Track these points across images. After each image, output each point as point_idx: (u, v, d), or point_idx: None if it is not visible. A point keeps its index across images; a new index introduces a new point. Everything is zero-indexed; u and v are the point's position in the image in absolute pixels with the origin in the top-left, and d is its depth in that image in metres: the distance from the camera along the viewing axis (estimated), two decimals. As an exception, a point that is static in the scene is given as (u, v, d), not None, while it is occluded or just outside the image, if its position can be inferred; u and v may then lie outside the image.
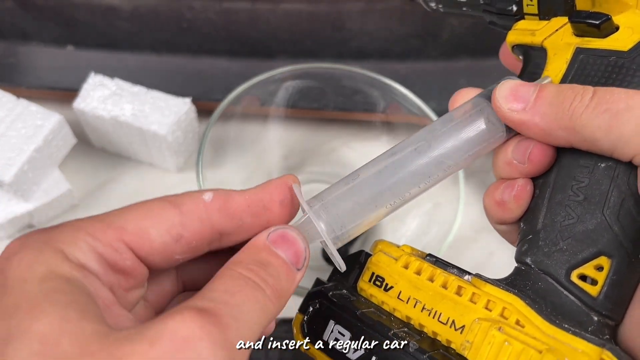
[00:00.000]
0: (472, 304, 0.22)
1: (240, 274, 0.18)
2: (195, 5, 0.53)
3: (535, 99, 0.23)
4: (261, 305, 0.18)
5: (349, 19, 0.54)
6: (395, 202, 0.24)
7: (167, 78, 0.55)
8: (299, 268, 0.20)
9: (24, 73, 0.55)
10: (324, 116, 0.53)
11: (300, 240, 0.20)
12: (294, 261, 0.20)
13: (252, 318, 0.18)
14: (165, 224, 0.19)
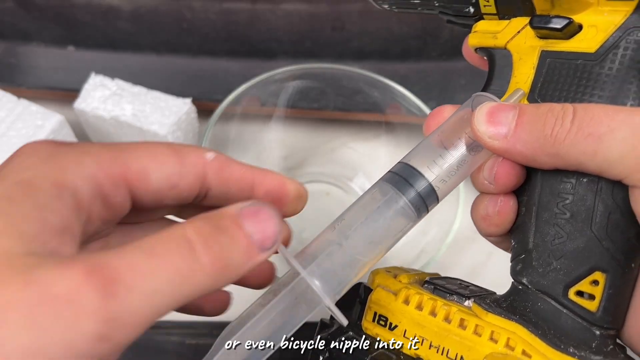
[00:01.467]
0: (477, 336, 0.23)
1: (182, 234, 0.17)
2: (195, 5, 0.53)
3: (515, 126, 0.22)
4: (185, 276, 0.16)
5: (349, 19, 0.54)
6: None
7: (168, 78, 0.55)
8: (264, 249, 0.18)
9: (24, 73, 0.55)
10: (324, 116, 0.53)
11: (275, 220, 0.18)
12: (260, 239, 0.18)
13: (161, 289, 0.16)
14: (166, 170, 0.20)
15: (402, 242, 0.47)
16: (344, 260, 0.22)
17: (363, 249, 0.22)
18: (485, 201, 0.26)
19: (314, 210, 0.52)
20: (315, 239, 0.23)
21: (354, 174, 0.52)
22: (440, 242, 0.41)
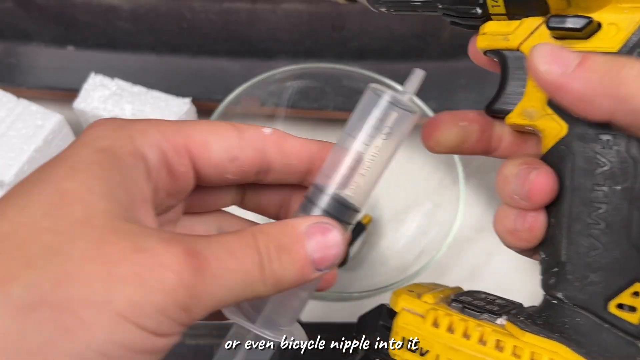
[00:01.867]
0: (516, 358, 0.21)
1: (254, 244, 0.19)
2: (195, 5, 0.53)
3: (579, 64, 0.21)
4: (251, 282, 0.18)
5: (348, 19, 0.54)
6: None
7: (167, 78, 0.55)
8: (319, 270, 0.19)
9: (24, 73, 0.55)
10: (324, 116, 0.53)
11: (337, 245, 0.20)
12: (318, 262, 0.19)
13: (234, 287, 0.18)
14: (226, 143, 0.21)
15: (402, 242, 0.47)
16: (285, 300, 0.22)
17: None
18: (513, 215, 0.24)
19: (314, 210, 0.52)
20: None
21: (354, 174, 0.52)
22: (441, 242, 0.41)
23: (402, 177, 0.50)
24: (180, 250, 0.17)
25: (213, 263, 0.17)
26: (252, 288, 0.18)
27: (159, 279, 0.16)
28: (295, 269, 0.19)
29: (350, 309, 0.47)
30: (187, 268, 0.17)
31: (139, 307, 0.16)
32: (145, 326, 0.16)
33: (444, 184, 0.46)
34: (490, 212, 0.53)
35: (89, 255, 0.16)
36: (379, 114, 0.22)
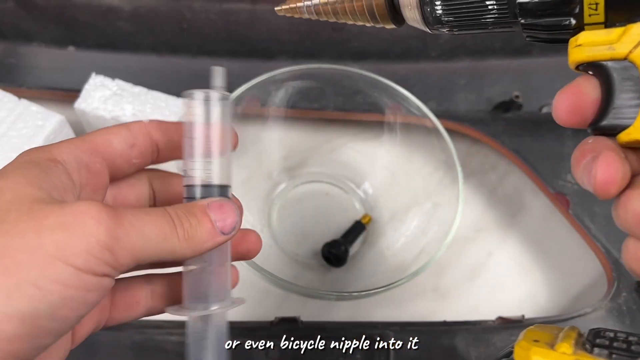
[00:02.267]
0: None
1: (164, 210, 0.23)
2: (195, 6, 0.54)
3: None
4: (165, 235, 0.22)
5: (348, 19, 0.54)
6: None
7: (168, 78, 0.55)
8: (224, 233, 0.23)
9: (25, 73, 0.55)
10: (324, 116, 0.53)
11: (235, 213, 0.24)
12: (221, 226, 0.23)
13: (150, 236, 0.21)
14: (122, 136, 0.25)
15: (401, 242, 0.47)
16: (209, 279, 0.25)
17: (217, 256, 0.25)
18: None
19: (314, 210, 0.52)
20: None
21: (354, 174, 0.53)
22: (440, 242, 0.41)
23: (401, 177, 0.50)
24: (99, 205, 0.20)
25: (129, 215, 0.21)
26: (167, 240, 0.22)
27: (81, 224, 0.20)
28: (204, 229, 0.23)
29: (350, 308, 0.47)
30: (106, 215, 0.20)
31: (66, 248, 0.19)
32: (75, 264, 0.19)
33: (443, 183, 0.46)
34: (489, 211, 0.53)
35: (21, 218, 0.20)
36: (201, 112, 0.25)
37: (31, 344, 0.19)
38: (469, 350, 0.41)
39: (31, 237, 0.19)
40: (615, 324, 0.42)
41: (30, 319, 0.19)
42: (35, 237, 0.19)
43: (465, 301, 0.49)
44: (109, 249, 0.20)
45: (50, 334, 0.20)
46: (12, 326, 0.18)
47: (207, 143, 0.25)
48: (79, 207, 0.20)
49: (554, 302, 0.49)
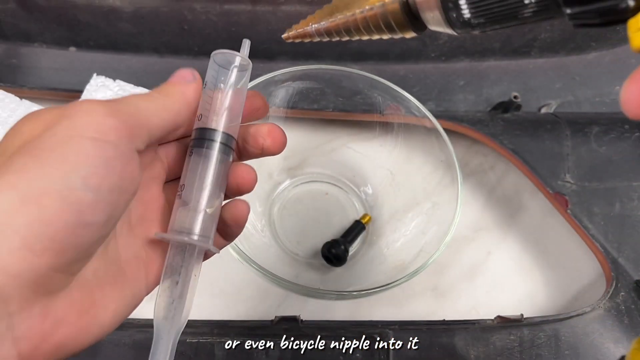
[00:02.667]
0: None
1: (148, 92, 0.25)
2: (196, 7, 0.54)
3: None
4: (148, 98, 0.24)
5: (348, 20, 0.55)
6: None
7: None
8: (187, 82, 0.26)
9: (26, 74, 0.55)
10: (324, 117, 0.53)
11: (186, 70, 0.27)
12: (180, 79, 0.27)
13: (138, 103, 0.23)
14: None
15: (401, 241, 0.47)
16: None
17: (207, 199, 0.26)
18: None
19: (314, 209, 0.52)
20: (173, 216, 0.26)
21: (353, 174, 0.53)
22: (439, 241, 0.41)
23: (401, 177, 0.51)
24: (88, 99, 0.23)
25: (114, 98, 0.23)
26: (153, 101, 0.24)
27: (79, 108, 0.21)
28: (171, 86, 0.26)
29: (350, 307, 0.48)
30: (96, 99, 0.22)
31: (75, 127, 0.20)
32: (87, 135, 0.20)
33: (442, 183, 0.46)
34: (488, 211, 0.54)
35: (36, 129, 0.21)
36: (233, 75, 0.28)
37: (74, 221, 0.19)
38: (468, 349, 0.41)
39: (45, 133, 0.20)
40: (614, 323, 0.43)
41: (68, 190, 0.19)
42: (47, 129, 0.20)
43: (465, 300, 0.49)
44: (110, 114, 0.21)
45: (94, 212, 0.19)
46: (50, 199, 0.18)
47: (223, 98, 0.27)
48: (73, 104, 0.21)
49: (553, 301, 0.49)
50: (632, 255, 0.46)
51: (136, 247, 0.24)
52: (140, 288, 0.24)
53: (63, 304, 0.20)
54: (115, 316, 0.22)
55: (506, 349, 0.41)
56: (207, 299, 0.46)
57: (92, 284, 0.21)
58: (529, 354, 0.41)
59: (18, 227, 0.18)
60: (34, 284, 0.18)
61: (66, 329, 0.20)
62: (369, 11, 0.24)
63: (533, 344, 0.42)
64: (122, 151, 0.21)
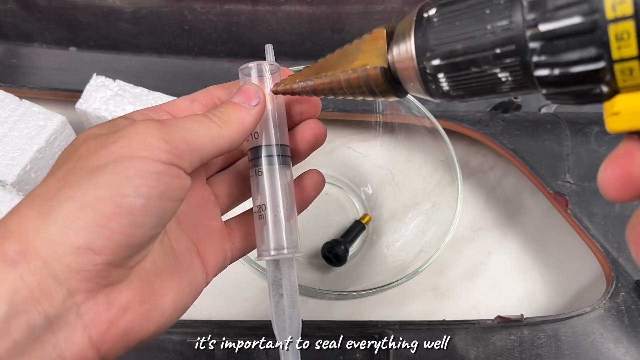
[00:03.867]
0: None
1: (198, 114, 0.25)
2: (196, 7, 0.54)
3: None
4: (205, 124, 0.24)
5: (348, 20, 0.55)
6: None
7: (169, 79, 0.55)
8: (251, 104, 0.26)
9: (26, 74, 0.55)
10: (324, 116, 0.53)
11: (252, 88, 0.26)
12: (244, 101, 0.26)
13: (193, 127, 0.24)
14: (184, 97, 0.28)
15: (401, 241, 0.47)
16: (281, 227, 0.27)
17: (286, 211, 0.28)
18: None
19: (314, 209, 0.52)
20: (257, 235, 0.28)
21: (353, 173, 0.53)
22: (440, 241, 0.41)
23: (401, 177, 0.51)
24: (144, 119, 0.24)
25: (170, 120, 0.24)
26: (210, 127, 0.24)
27: (135, 130, 0.22)
28: (233, 108, 0.25)
29: (350, 307, 0.48)
30: (152, 121, 0.23)
31: (129, 147, 0.22)
32: (139, 155, 0.22)
33: (442, 183, 0.46)
34: (488, 211, 0.54)
35: (90, 149, 0.23)
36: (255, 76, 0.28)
37: (127, 223, 0.21)
38: (468, 349, 0.41)
39: (101, 152, 0.22)
40: (614, 323, 0.43)
41: (120, 196, 0.21)
42: (103, 149, 0.22)
43: (465, 300, 0.49)
44: (164, 140, 0.22)
45: (145, 215, 0.21)
46: (105, 205, 0.20)
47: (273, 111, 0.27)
48: (131, 125, 0.23)
49: (553, 301, 0.49)
50: (632, 255, 0.45)
51: (185, 240, 0.26)
52: (197, 277, 0.26)
53: (126, 293, 0.22)
54: (175, 303, 0.24)
55: (506, 349, 0.41)
56: (207, 299, 0.46)
57: (151, 274, 0.23)
58: (529, 354, 0.41)
59: (78, 229, 0.20)
60: (96, 277, 0.21)
61: (130, 315, 0.22)
62: (352, 74, 0.24)
63: (533, 344, 0.42)
64: (170, 169, 0.22)
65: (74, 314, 0.21)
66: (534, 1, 0.18)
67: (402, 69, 0.23)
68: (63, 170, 0.22)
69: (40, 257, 0.20)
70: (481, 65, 0.20)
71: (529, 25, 0.18)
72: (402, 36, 0.22)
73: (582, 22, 0.17)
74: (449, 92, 0.22)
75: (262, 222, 0.27)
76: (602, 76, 0.18)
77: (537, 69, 0.19)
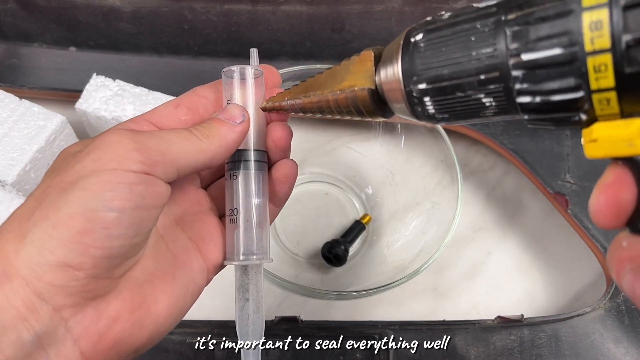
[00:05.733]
0: None
1: (187, 131, 0.25)
2: (196, 6, 0.54)
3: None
4: (185, 136, 0.24)
5: (348, 20, 0.55)
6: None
7: (169, 79, 0.55)
8: (236, 122, 0.26)
9: (26, 74, 0.55)
10: (325, 117, 0.53)
11: (237, 107, 0.26)
12: (229, 118, 0.26)
13: (172, 139, 0.23)
14: (167, 102, 0.27)
15: (401, 241, 0.47)
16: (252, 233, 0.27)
17: (258, 217, 0.27)
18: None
19: (314, 209, 0.52)
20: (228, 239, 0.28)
21: (353, 173, 0.53)
22: (440, 241, 0.41)
23: (401, 177, 0.51)
24: (119, 127, 0.24)
25: (148, 131, 0.24)
26: (189, 140, 0.24)
27: (108, 140, 0.22)
28: (217, 124, 0.25)
29: (350, 308, 0.48)
30: (126, 130, 0.23)
31: (101, 159, 0.22)
32: (111, 167, 0.21)
33: (442, 183, 0.46)
34: (488, 211, 0.54)
35: (65, 163, 0.23)
36: (250, 82, 0.28)
37: (102, 237, 0.21)
38: (469, 349, 0.41)
39: (75, 167, 0.22)
40: (614, 323, 0.42)
41: (90, 212, 0.21)
42: (77, 163, 0.22)
43: (465, 301, 0.49)
44: (137, 149, 0.22)
45: (119, 227, 0.21)
46: (76, 221, 0.20)
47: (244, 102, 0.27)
48: (104, 134, 0.23)
49: (553, 301, 0.49)
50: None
51: (183, 240, 0.26)
52: (194, 277, 0.26)
53: (114, 303, 0.22)
54: (170, 308, 0.24)
55: (506, 349, 0.41)
56: (207, 299, 0.46)
57: (141, 282, 0.23)
58: (529, 354, 0.41)
59: (53, 247, 0.20)
60: (81, 291, 0.21)
61: (121, 325, 0.22)
62: (339, 94, 0.24)
63: (533, 344, 0.41)
64: (144, 178, 0.22)
65: (62, 329, 0.21)
66: (517, 31, 0.19)
67: (389, 91, 0.23)
68: (40, 189, 0.22)
69: (22, 277, 0.20)
70: (466, 90, 0.21)
71: (512, 54, 0.19)
72: (390, 59, 0.23)
73: (562, 54, 0.18)
74: (434, 114, 0.22)
75: (233, 226, 0.27)
76: (580, 105, 0.19)
77: (519, 95, 0.19)
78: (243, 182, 0.27)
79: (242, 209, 0.27)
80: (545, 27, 0.18)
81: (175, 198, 0.27)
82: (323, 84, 0.25)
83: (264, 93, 0.28)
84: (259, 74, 0.28)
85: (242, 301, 0.27)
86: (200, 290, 0.26)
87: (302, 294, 0.40)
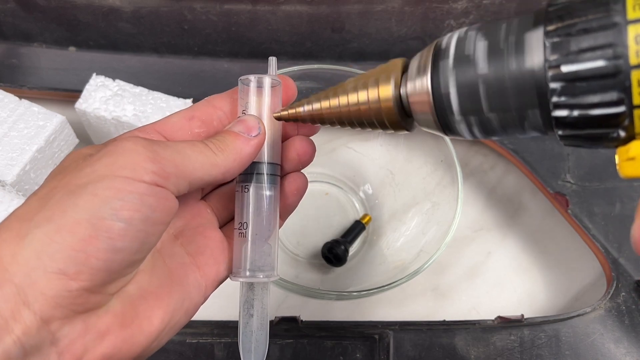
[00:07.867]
0: None
1: (204, 144, 0.24)
2: (196, 6, 0.54)
3: None
4: (199, 149, 0.23)
5: (348, 20, 0.55)
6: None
7: (169, 79, 0.55)
8: (251, 135, 0.25)
9: (26, 74, 0.55)
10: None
11: (253, 118, 0.26)
12: (244, 131, 0.25)
13: (186, 151, 0.23)
14: (181, 113, 0.26)
15: (401, 241, 0.47)
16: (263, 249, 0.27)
17: (268, 231, 0.27)
18: None
19: (314, 209, 0.52)
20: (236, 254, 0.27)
21: (353, 173, 0.53)
22: (440, 241, 0.41)
23: (401, 177, 0.51)
24: (134, 135, 0.23)
25: (163, 142, 0.23)
26: (203, 153, 0.23)
27: (122, 147, 0.22)
28: (231, 137, 0.25)
29: (350, 308, 0.48)
30: (142, 139, 0.22)
31: (114, 165, 0.21)
32: (123, 174, 0.21)
33: (442, 183, 0.46)
34: (488, 211, 0.54)
35: (77, 165, 0.23)
36: (267, 93, 0.27)
37: (105, 247, 0.20)
38: (469, 349, 0.41)
39: (85, 170, 0.21)
40: (615, 323, 0.42)
41: (97, 219, 0.20)
42: (87, 167, 0.21)
43: (465, 301, 0.49)
44: (151, 160, 0.21)
45: (124, 239, 0.20)
46: (81, 228, 0.19)
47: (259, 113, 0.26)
48: (118, 140, 0.22)
49: (553, 301, 0.49)
50: (633, 256, 0.45)
51: (180, 255, 0.25)
52: (190, 293, 0.25)
53: (105, 318, 0.21)
54: (164, 324, 0.23)
55: (506, 349, 0.41)
56: (208, 299, 0.46)
57: (134, 298, 0.22)
58: (530, 355, 0.41)
59: (53, 253, 0.19)
60: (71, 303, 0.20)
61: (110, 341, 0.21)
62: (362, 105, 0.24)
63: (533, 345, 0.41)
64: (155, 190, 0.21)
65: (48, 342, 0.20)
66: (557, 42, 0.18)
67: (415, 103, 0.22)
68: (45, 189, 0.21)
69: (14, 284, 0.19)
70: None
71: (550, 65, 0.18)
72: (418, 70, 0.22)
73: (605, 66, 0.17)
74: (463, 133, 0.22)
75: (242, 240, 0.26)
76: (621, 121, 0.18)
77: (555, 109, 0.19)
78: (255, 196, 0.26)
79: (251, 224, 0.26)
80: (588, 39, 0.18)
81: (177, 211, 0.26)
82: (344, 94, 0.25)
83: (280, 104, 0.27)
84: (277, 84, 0.27)
85: (247, 317, 0.27)
86: (196, 307, 0.25)
87: (302, 294, 0.40)
